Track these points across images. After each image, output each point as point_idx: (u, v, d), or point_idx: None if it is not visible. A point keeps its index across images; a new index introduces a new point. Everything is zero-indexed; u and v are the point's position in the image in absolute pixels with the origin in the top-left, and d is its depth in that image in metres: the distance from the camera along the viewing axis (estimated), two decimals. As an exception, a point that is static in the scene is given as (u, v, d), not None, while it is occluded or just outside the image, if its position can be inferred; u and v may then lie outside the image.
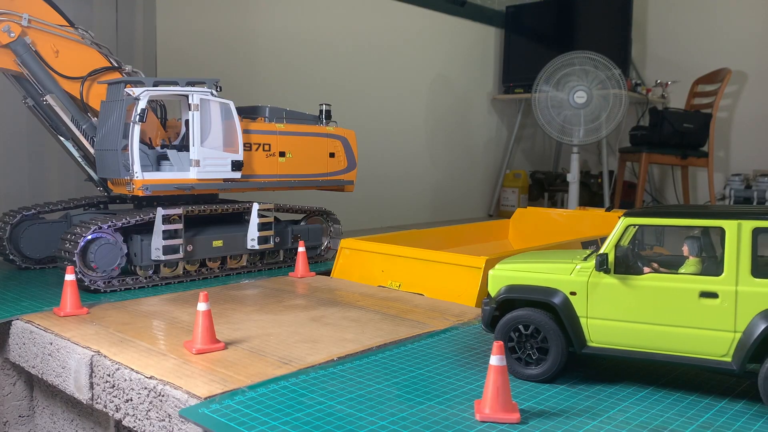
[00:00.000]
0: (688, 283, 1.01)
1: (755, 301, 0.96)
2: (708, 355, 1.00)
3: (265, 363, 1.19)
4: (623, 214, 1.08)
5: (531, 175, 4.89)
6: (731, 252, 0.98)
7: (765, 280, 0.96)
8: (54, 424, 1.67)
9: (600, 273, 1.06)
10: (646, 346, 1.04)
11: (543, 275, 1.11)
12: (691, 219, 1.03)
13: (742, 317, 0.97)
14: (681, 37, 4.80)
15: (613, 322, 1.05)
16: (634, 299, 1.04)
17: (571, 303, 1.07)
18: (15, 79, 1.93)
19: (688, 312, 1.00)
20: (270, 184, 2.07)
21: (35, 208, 2.02)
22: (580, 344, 1.07)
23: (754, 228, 0.98)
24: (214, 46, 2.99)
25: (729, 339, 0.98)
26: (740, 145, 4.67)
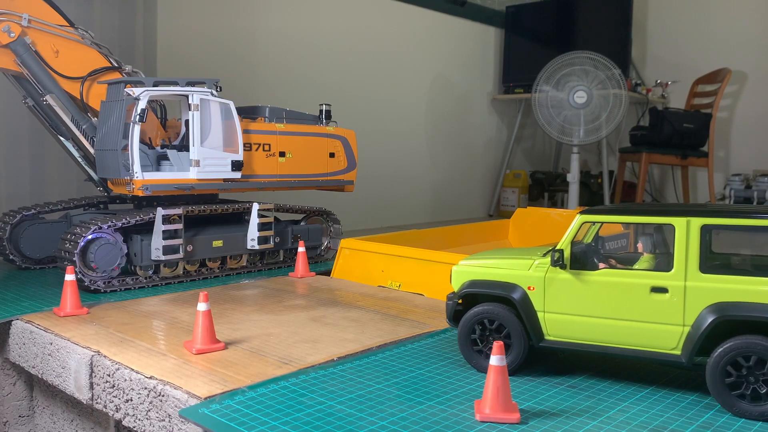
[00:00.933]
0: (639, 279, 1.03)
1: (703, 296, 0.99)
2: (659, 349, 1.03)
3: (265, 363, 1.19)
4: (579, 212, 1.11)
5: (531, 175, 4.89)
6: (680, 248, 1.01)
7: (712, 276, 0.99)
8: (54, 424, 1.67)
9: (556, 268, 1.09)
10: (600, 340, 1.07)
11: (503, 271, 1.14)
12: (643, 216, 1.06)
13: (691, 311, 1.00)
14: (681, 37, 4.80)
15: (569, 317, 1.08)
16: (588, 294, 1.07)
17: (529, 298, 1.10)
18: (15, 79, 1.93)
19: (639, 306, 1.03)
20: (270, 184, 2.07)
21: (35, 208, 2.02)
22: (538, 338, 1.11)
23: (703, 225, 1.01)
24: (215, 46, 2.99)
25: (678, 333, 1.01)
26: (740, 145, 4.66)
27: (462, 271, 1.19)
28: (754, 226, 1.00)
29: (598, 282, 1.06)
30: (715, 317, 0.97)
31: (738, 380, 0.96)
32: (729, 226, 1.01)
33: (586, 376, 1.14)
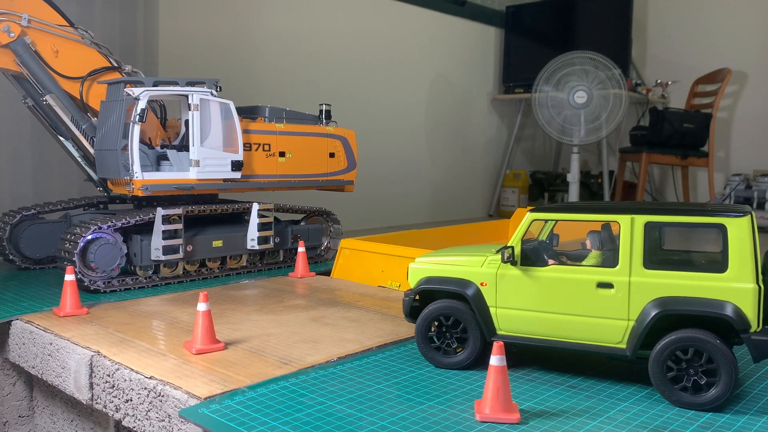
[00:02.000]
0: (586, 275, 1.06)
1: (646, 291, 1.02)
2: (605, 342, 1.06)
3: (265, 363, 1.19)
4: (529, 210, 1.13)
5: (531, 175, 4.88)
6: (625, 245, 1.04)
7: (655, 272, 1.02)
8: (54, 424, 1.67)
9: (507, 265, 1.11)
10: (549, 334, 1.10)
11: (457, 267, 1.17)
12: (589, 214, 1.09)
13: (635, 306, 1.03)
14: (681, 37, 4.80)
15: (519, 312, 1.11)
16: (537, 290, 1.10)
17: (482, 293, 1.13)
18: (15, 79, 1.93)
19: (586, 302, 1.06)
20: (270, 184, 2.07)
21: (35, 208, 2.02)
22: (490, 332, 1.13)
23: (646, 222, 1.03)
24: (215, 46, 2.99)
25: (623, 327, 1.04)
26: (740, 145, 4.66)
27: (418, 268, 1.22)
28: (695, 223, 1.03)
29: (546, 278, 1.09)
30: (657, 312, 1.00)
31: (679, 372, 0.99)
32: (672, 223, 1.04)
33: (586, 376, 1.14)
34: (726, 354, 0.96)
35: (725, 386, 0.97)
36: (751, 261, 0.98)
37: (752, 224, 1.00)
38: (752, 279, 0.98)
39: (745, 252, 0.98)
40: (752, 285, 0.98)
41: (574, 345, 1.08)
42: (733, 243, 0.99)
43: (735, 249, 0.99)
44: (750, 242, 0.99)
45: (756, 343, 0.96)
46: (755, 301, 0.97)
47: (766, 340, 0.97)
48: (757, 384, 1.11)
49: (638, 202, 1.15)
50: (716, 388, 0.97)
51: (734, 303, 0.98)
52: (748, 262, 0.98)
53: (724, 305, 0.98)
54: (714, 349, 0.97)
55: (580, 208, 1.10)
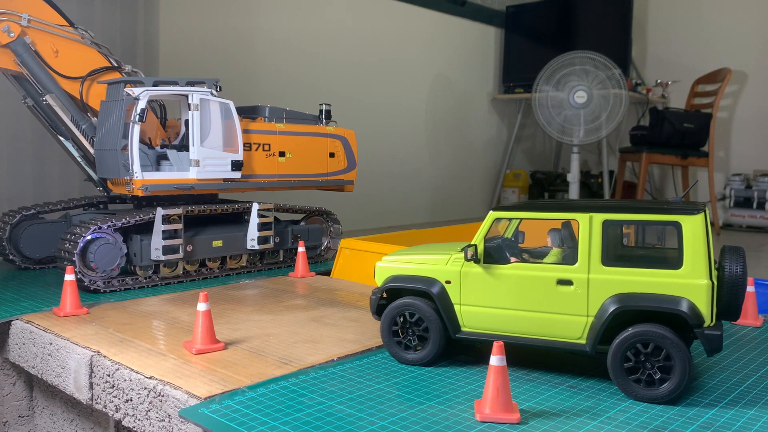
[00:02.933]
0: (546, 272, 1.08)
1: (605, 288, 1.04)
2: (565, 338, 1.07)
3: (265, 363, 1.18)
4: (491, 209, 1.15)
5: (531, 175, 4.88)
6: (584, 242, 1.06)
7: (613, 268, 1.04)
8: (54, 424, 1.67)
9: (471, 263, 1.13)
10: (511, 331, 1.11)
11: (422, 266, 1.19)
12: (549, 212, 1.11)
13: (594, 302, 1.05)
14: (681, 37, 4.80)
15: (483, 309, 1.13)
16: (500, 287, 1.11)
17: (447, 291, 1.15)
18: (15, 79, 1.92)
19: (547, 298, 1.08)
20: (270, 184, 2.07)
21: (35, 208, 2.02)
22: (455, 329, 1.15)
23: (604, 220, 1.05)
24: (215, 46, 2.99)
25: (583, 323, 1.06)
26: (740, 145, 4.66)
27: (385, 267, 1.24)
28: (651, 221, 1.04)
29: (508, 275, 1.11)
30: (615, 308, 1.02)
31: (635, 366, 1.01)
32: (629, 221, 1.06)
33: (586, 376, 1.14)
34: (681, 348, 0.98)
35: (679, 380, 0.99)
36: (705, 257, 1.00)
37: (706, 222, 1.02)
38: (705, 275, 1.00)
39: (699, 249, 1.00)
40: (705, 281, 1.00)
41: (537, 341, 1.10)
42: (688, 240, 1.01)
43: (689, 246, 1.01)
44: (703, 239, 1.00)
45: (708, 338, 0.99)
46: (708, 296, 0.99)
47: (718, 335, 0.99)
48: (757, 384, 1.11)
49: (597, 200, 1.17)
50: (670, 382, 1.00)
51: (689, 299, 1.00)
52: (702, 259, 1.00)
53: (679, 301, 1.00)
54: (669, 344, 0.99)
55: (541, 207, 1.12)
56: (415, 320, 1.17)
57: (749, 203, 4.36)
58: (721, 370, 1.18)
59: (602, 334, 1.03)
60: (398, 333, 1.19)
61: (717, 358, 1.24)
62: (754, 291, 1.51)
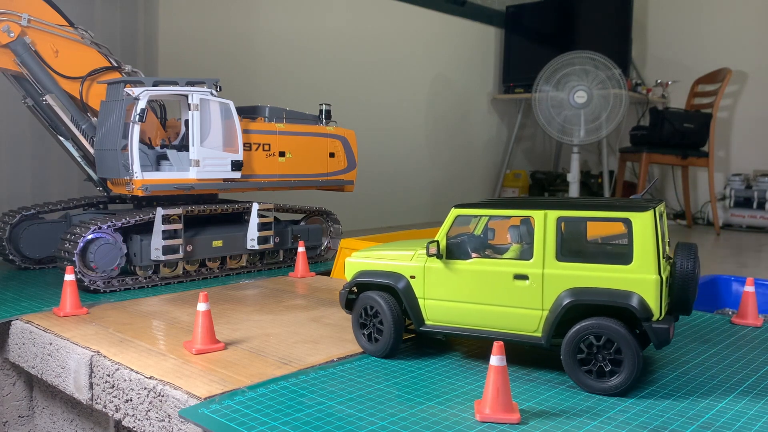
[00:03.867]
0: (504, 267, 1.11)
1: (559, 282, 1.07)
2: (522, 331, 1.11)
3: (265, 363, 1.18)
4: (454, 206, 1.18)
5: (531, 175, 4.88)
6: (539, 238, 1.09)
7: (567, 264, 1.07)
8: (54, 424, 1.67)
9: (433, 258, 1.16)
10: (472, 324, 1.15)
11: (389, 262, 1.23)
12: (507, 209, 1.14)
13: (548, 296, 1.07)
14: (681, 37, 4.80)
15: (445, 302, 1.17)
16: (460, 281, 1.15)
17: (411, 286, 1.19)
18: (15, 79, 1.93)
19: (504, 293, 1.11)
20: (270, 184, 2.07)
21: (35, 208, 2.02)
22: (419, 323, 1.19)
23: (558, 217, 1.08)
24: (215, 46, 2.99)
25: (538, 316, 1.09)
26: (740, 145, 4.66)
27: (354, 262, 1.28)
28: (604, 217, 1.07)
29: (468, 270, 1.14)
30: (568, 302, 1.05)
31: (588, 359, 1.04)
32: (582, 218, 1.08)
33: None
34: (630, 342, 1.00)
35: (629, 373, 1.01)
36: (654, 253, 1.02)
37: (655, 219, 1.03)
38: (654, 270, 1.02)
39: (648, 245, 1.02)
40: (654, 276, 1.02)
41: (494, 334, 1.12)
42: (637, 236, 1.03)
43: (639, 242, 1.03)
44: (653, 236, 1.02)
45: (656, 331, 1.01)
46: (657, 291, 1.01)
47: (665, 328, 1.01)
48: (757, 384, 1.11)
49: (553, 198, 1.20)
50: (620, 375, 1.02)
51: (638, 293, 1.02)
52: (651, 255, 1.02)
53: (628, 295, 1.02)
54: (619, 337, 1.01)
55: (501, 204, 1.16)
56: (374, 313, 1.22)
57: (749, 203, 4.36)
58: (722, 370, 1.18)
59: (556, 327, 1.06)
60: (365, 325, 1.24)
61: (717, 358, 1.24)
62: (754, 291, 1.51)
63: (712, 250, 3.64)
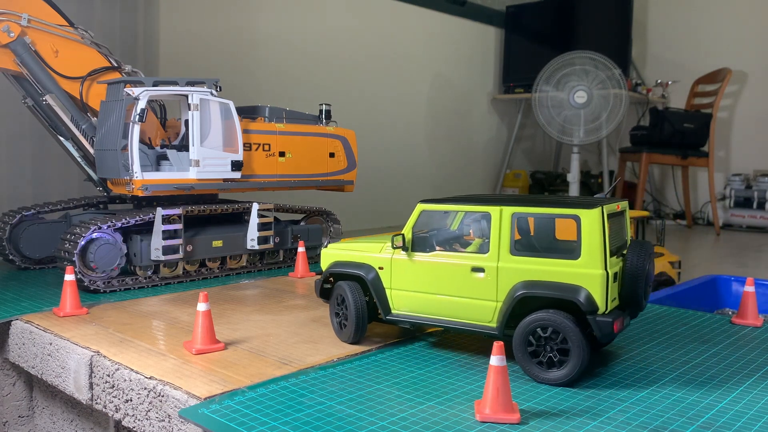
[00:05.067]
0: (463, 260, 1.16)
1: (512, 275, 1.11)
2: (479, 321, 1.16)
3: (265, 363, 1.18)
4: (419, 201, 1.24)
5: (531, 175, 4.88)
6: (495, 233, 1.14)
7: (519, 258, 1.11)
8: (53, 424, 1.67)
9: (399, 251, 1.23)
10: (433, 314, 1.20)
11: (359, 254, 1.29)
12: (468, 205, 1.19)
13: (502, 289, 1.12)
14: (681, 37, 4.80)
15: (409, 293, 1.22)
16: (423, 273, 1.20)
17: (380, 276, 1.25)
18: (15, 79, 1.92)
19: (463, 284, 1.16)
20: (270, 184, 2.07)
21: (35, 208, 2.02)
22: (386, 311, 1.25)
23: (513, 213, 1.13)
24: (215, 46, 2.99)
25: (493, 307, 1.14)
26: (740, 145, 4.66)
27: (329, 253, 1.35)
28: (555, 214, 1.11)
29: (430, 263, 1.20)
30: (518, 294, 1.09)
31: (537, 350, 1.08)
32: (535, 214, 1.12)
33: (586, 376, 1.14)
34: (575, 334, 1.04)
35: (575, 364, 1.05)
36: (600, 249, 1.06)
37: (602, 216, 1.07)
38: (600, 266, 1.05)
39: (595, 241, 1.06)
40: (600, 271, 1.05)
41: (454, 323, 1.18)
42: (585, 233, 1.07)
43: (587, 238, 1.07)
44: (600, 232, 1.06)
45: (599, 324, 1.05)
46: (603, 285, 1.05)
47: (608, 321, 1.04)
48: (757, 384, 1.11)
49: (509, 195, 1.26)
50: (567, 366, 1.06)
51: (585, 287, 1.06)
52: (598, 250, 1.06)
53: (575, 289, 1.06)
54: (565, 329, 1.05)
55: (462, 200, 1.21)
56: (343, 302, 1.29)
57: (749, 203, 4.36)
58: (722, 370, 1.18)
59: (508, 318, 1.11)
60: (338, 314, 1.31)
61: (717, 358, 1.24)
62: (754, 291, 1.51)
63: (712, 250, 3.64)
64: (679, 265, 2.42)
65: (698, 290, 2.09)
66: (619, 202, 1.17)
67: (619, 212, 1.17)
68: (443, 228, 1.27)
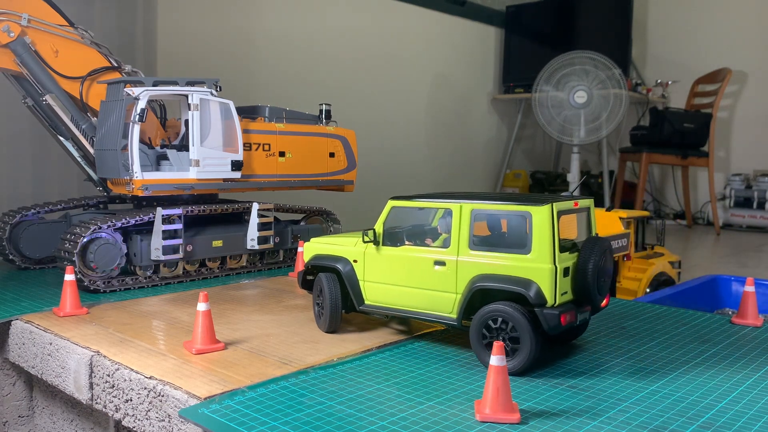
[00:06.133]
0: (427, 254, 1.23)
1: (469, 269, 1.17)
2: (441, 312, 1.21)
3: (265, 363, 1.18)
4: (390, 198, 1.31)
5: (531, 175, 4.88)
6: (455, 228, 1.19)
7: (476, 252, 1.17)
8: (54, 424, 1.67)
9: (371, 245, 1.29)
10: (402, 305, 1.26)
11: (336, 247, 1.37)
12: (431, 202, 1.25)
13: (461, 281, 1.18)
14: (681, 37, 4.80)
15: (380, 285, 1.29)
16: (392, 266, 1.27)
17: (354, 269, 1.32)
18: (15, 79, 1.92)
19: (427, 277, 1.22)
20: (270, 184, 2.07)
21: (35, 208, 2.02)
22: (359, 302, 1.32)
23: (472, 209, 1.18)
24: (215, 45, 2.99)
25: (453, 299, 1.19)
26: (740, 145, 4.66)
27: (311, 247, 1.43)
28: (509, 210, 1.15)
29: (398, 256, 1.26)
30: (474, 286, 1.15)
31: (491, 340, 1.13)
32: (492, 210, 1.18)
33: (586, 376, 1.14)
34: (524, 325, 1.09)
35: (525, 354, 1.10)
36: (549, 245, 1.11)
37: (552, 213, 1.11)
38: (549, 260, 1.10)
39: (545, 236, 1.11)
40: (549, 265, 1.10)
41: (420, 314, 1.24)
42: (536, 229, 1.11)
43: (537, 234, 1.11)
44: (549, 228, 1.11)
45: (545, 316, 1.09)
46: (551, 279, 1.10)
47: (554, 314, 1.09)
48: (756, 384, 1.11)
49: (471, 192, 1.32)
50: (518, 356, 1.11)
51: (534, 281, 1.10)
52: (547, 246, 1.11)
53: (526, 282, 1.11)
54: (515, 320, 1.10)
55: (428, 197, 1.27)
56: (321, 292, 1.36)
57: (749, 203, 4.36)
58: (722, 370, 1.18)
59: (465, 309, 1.17)
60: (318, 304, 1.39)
61: (717, 358, 1.24)
62: (754, 291, 1.51)
63: (712, 250, 3.64)
64: (679, 265, 2.42)
65: (698, 290, 2.09)
66: (580, 200, 1.21)
67: (579, 209, 1.21)
68: (418, 224, 1.33)
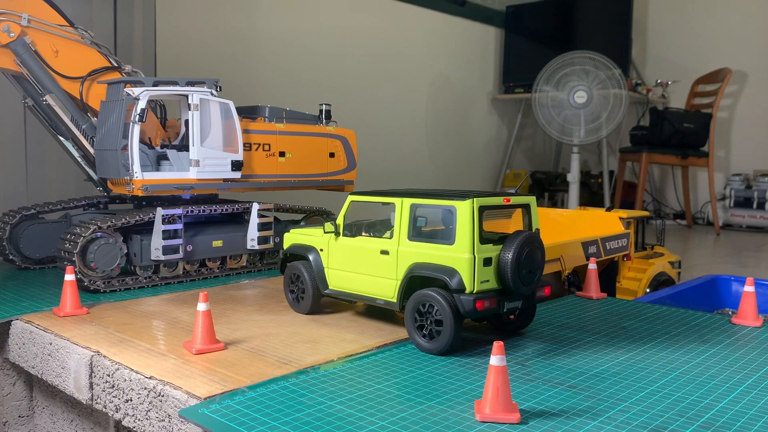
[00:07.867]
0: (376, 244, 1.35)
1: (408, 258, 1.29)
2: (385, 297, 1.34)
3: (265, 363, 1.18)
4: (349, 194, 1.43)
5: (531, 175, 4.88)
6: (398, 220, 1.32)
7: (414, 243, 1.28)
8: (54, 424, 1.67)
9: (333, 235, 1.43)
10: (356, 290, 1.40)
11: (308, 237, 1.51)
12: (381, 197, 1.38)
13: (401, 269, 1.30)
14: (681, 37, 4.80)
15: (339, 271, 1.43)
16: (348, 255, 1.41)
17: (320, 257, 1.47)
18: (15, 79, 1.92)
19: (374, 265, 1.35)
20: (270, 184, 2.07)
21: (35, 208, 2.02)
22: (324, 287, 1.46)
23: (411, 204, 1.30)
24: (214, 45, 2.99)
25: (394, 285, 1.31)
26: (740, 145, 4.67)
27: (290, 236, 1.58)
28: (440, 205, 1.26)
29: (353, 246, 1.40)
30: (407, 274, 1.28)
31: (422, 323, 1.24)
32: (425, 205, 1.28)
33: (586, 376, 1.14)
34: (444, 309, 1.20)
35: (447, 336, 1.21)
36: (470, 236, 1.21)
37: (473, 208, 1.21)
38: (469, 251, 1.20)
39: (466, 229, 1.21)
40: (468, 255, 1.20)
41: (368, 298, 1.37)
42: (459, 221, 1.22)
43: (460, 226, 1.22)
44: (470, 221, 1.21)
45: (462, 301, 1.19)
46: (470, 268, 1.20)
47: (469, 299, 1.19)
48: (756, 384, 1.11)
49: (410, 189, 1.42)
50: (440, 338, 1.22)
51: (456, 269, 1.21)
52: (468, 237, 1.21)
53: (449, 270, 1.21)
54: (438, 304, 1.21)
55: (379, 194, 1.39)
56: (297, 278, 1.51)
57: (749, 203, 4.36)
58: (722, 370, 1.18)
59: (404, 294, 1.29)
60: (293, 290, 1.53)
61: (717, 358, 1.25)
62: (754, 291, 1.51)
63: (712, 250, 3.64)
64: (679, 265, 2.42)
65: (698, 290, 2.09)
66: (516, 197, 1.30)
67: (512, 206, 1.30)
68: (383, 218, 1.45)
